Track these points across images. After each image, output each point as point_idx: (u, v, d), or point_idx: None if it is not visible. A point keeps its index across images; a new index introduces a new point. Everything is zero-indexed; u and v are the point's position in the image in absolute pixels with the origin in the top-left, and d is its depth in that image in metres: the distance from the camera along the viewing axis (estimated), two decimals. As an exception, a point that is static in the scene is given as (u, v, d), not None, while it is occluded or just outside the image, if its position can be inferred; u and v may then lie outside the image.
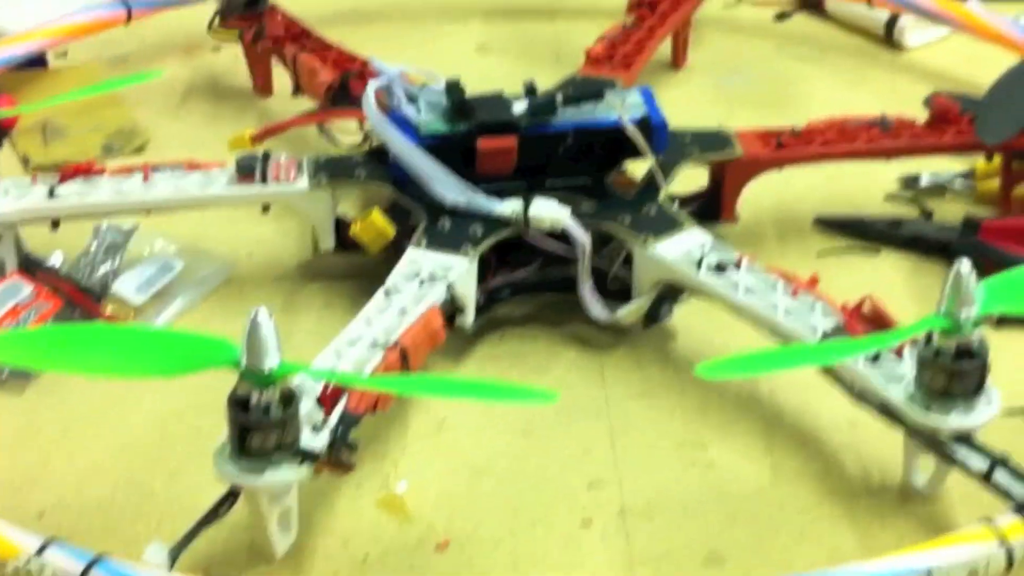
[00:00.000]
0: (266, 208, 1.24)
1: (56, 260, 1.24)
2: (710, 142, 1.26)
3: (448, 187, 1.17)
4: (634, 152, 1.21)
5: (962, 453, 0.96)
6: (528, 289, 1.19)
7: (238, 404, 0.91)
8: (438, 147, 1.18)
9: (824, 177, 1.35)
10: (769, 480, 1.05)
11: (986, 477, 0.95)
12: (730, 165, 1.26)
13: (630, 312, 1.15)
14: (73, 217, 1.21)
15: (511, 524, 1.01)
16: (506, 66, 1.47)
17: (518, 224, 1.15)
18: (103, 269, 1.23)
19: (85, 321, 1.19)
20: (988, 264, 1.22)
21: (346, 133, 1.37)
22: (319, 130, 1.34)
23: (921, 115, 1.31)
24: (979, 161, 1.36)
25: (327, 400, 0.96)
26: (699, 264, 1.12)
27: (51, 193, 1.20)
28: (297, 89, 1.45)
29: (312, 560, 0.98)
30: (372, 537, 1.00)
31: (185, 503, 1.02)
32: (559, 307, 1.21)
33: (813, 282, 1.09)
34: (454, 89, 1.21)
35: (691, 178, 1.26)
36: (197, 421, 1.10)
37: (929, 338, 0.96)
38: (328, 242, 1.23)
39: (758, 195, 1.29)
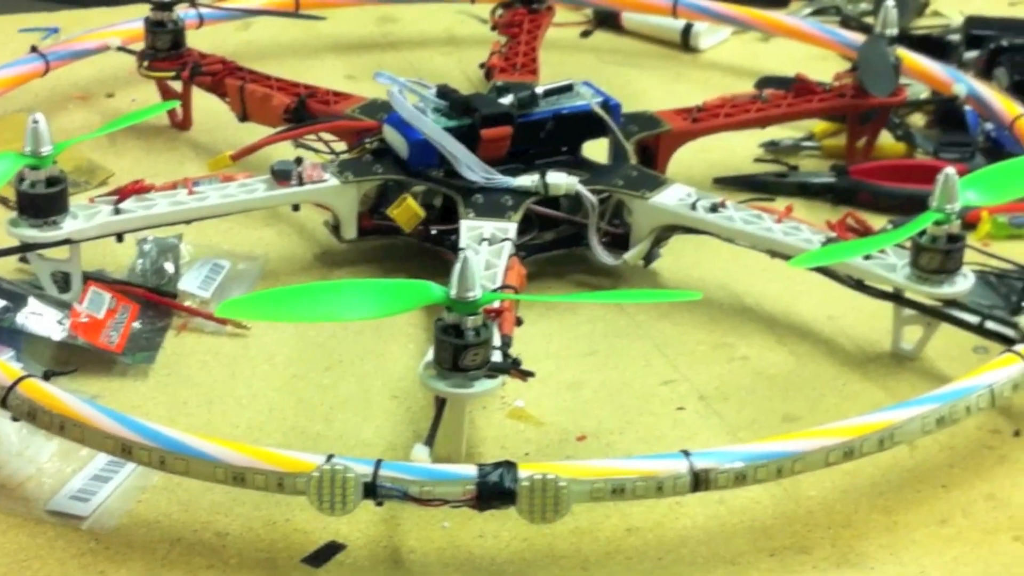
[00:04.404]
0: (296, 207, 1.44)
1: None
2: (643, 121, 1.54)
3: (474, 168, 1.40)
4: (597, 131, 1.47)
5: (957, 313, 1.28)
6: (537, 250, 1.43)
7: (450, 330, 1.12)
8: None
9: (699, 150, 1.64)
10: (794, 363, 1.33)
11: (979, 327, 1.27)
12: (663, 137, 1.54)
13: (635, 255, 1.41)
14: (136, 229, 1.37)
15: (624, 417, 1.25)
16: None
17: (538, 193, 1.40)
18: (167, 274, 1.39)
19: (164, 316, 1.36)
20: (863, 196, 1.56)
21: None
22: (295, 144, 1.53)
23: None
24: (816, 126, 1.70)
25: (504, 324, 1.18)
26: (694, 207, 1.39)
27: (117, 211, 1.36)
28: (244, 116, 1.63)
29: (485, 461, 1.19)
30: (522, 440, 1.22)
31: (350, 439, 1.22)
32: (556, 262, 1.45)
33: (788, 211, 1.38)
34: (448, 91, 1.45)
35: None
36: (319, 380, 1.29)
37: (923, 231, 1.27)
38: (352, 231, 1.44)
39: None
